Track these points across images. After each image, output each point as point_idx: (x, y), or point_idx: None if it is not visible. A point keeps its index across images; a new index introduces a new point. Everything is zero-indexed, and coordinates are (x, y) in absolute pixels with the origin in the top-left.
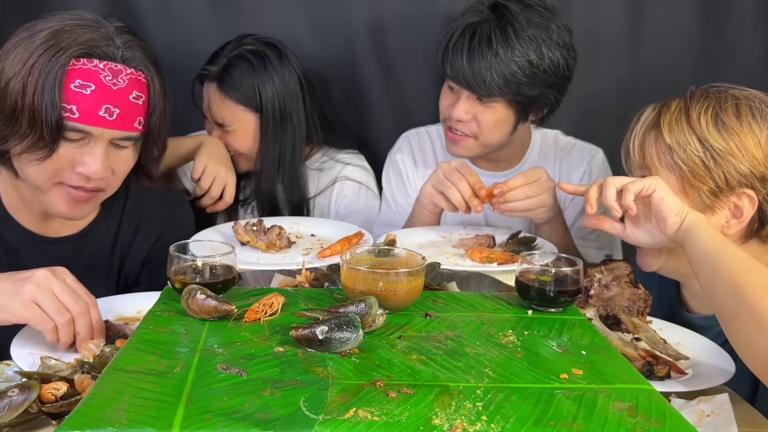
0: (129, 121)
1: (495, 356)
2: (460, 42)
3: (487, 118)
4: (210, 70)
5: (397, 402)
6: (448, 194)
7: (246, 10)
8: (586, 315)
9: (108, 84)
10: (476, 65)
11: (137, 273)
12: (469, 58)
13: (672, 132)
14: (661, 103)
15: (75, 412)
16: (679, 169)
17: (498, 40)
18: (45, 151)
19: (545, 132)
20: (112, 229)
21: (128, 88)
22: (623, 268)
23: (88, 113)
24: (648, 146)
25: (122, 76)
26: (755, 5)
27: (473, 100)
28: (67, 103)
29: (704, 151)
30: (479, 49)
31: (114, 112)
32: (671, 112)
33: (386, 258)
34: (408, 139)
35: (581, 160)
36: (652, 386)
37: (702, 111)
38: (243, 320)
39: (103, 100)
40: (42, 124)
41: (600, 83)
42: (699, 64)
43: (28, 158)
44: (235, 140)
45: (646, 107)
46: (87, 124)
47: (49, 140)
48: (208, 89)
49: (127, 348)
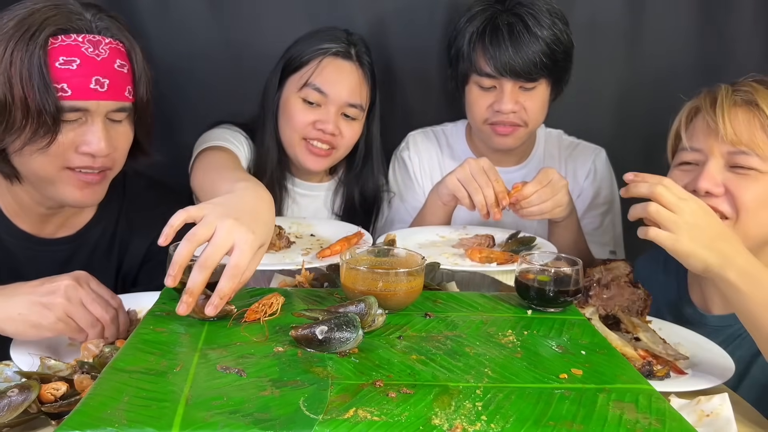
0: (120, 91)
1: (495, 356)
2: (496, 35)
3: (534, 102)
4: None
5: (397, 402)
6: (474, 195)
7: (246, 10)
8: (585, 315)
9: (91, 56)
10: (524, 51)
11: (135, 273)
12: (514, 46)
13: None
14: (728, 84)
15: (74, 412)
16: None
17: (532, 23)
18: (47, 138)
19: (549, 131)
20: (108, 229)
21: (111, 58)
22: (623, 268)
23: (80, 88)
24: (745, 121)
25: (102, 46)
26: (755, 5)
27: (517, 90)
28: (57, 82)
29: None
30: (522, 36)
31: (104, 82)
32: (761, 90)
33: (386, 258)
34: (415, 138)
35: (586, 159)
36: (652, 386)
37: None
38: (243, 320)
39: (92, 72)
40: (37, 112)
41: (600, 82)
42: (699, 64)
43: (31, 150)
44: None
45: (715, 86)
46: (82, 99)
47: (50, 124)
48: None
49: (126, 348)
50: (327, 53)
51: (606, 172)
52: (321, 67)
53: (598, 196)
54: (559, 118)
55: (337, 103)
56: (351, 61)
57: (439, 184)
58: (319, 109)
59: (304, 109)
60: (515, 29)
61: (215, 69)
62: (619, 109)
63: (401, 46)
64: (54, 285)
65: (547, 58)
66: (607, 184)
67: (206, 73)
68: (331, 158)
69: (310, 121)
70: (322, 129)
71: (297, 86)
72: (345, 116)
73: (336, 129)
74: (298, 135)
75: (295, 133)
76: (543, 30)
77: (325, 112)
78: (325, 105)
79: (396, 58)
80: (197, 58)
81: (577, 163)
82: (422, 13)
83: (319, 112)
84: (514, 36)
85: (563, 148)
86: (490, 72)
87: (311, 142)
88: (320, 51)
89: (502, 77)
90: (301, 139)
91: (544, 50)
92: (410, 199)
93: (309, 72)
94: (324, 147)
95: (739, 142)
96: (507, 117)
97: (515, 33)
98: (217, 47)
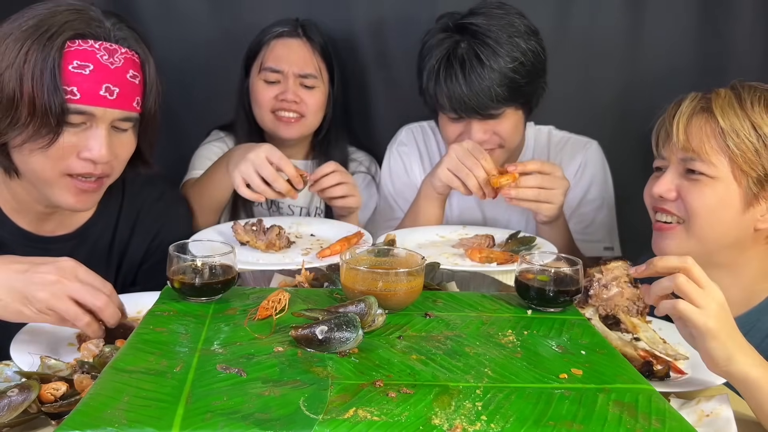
0: (128, 101)
1: (494, 356)
2: (450, 71)
3: (506, 128)
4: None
5: (397, 402)
6: (466, 180)
7: (246, 10)
8: (585, 315)
9: (105, 63)
10: (476, 86)
11: (135, 272)
12: (467, 82)
13: (725, 115)
14: (704, 91)
15: (74, 412)
16: (730, 153)
17: (486, 54)
18: (48, 137)
19: (538, 128)
20: (108, 228)
21: (125, 67)
22: (623, 268)
23: (89, 93)
24: (696, 129)
25: (118, 55)
26: (755, 5)
27: (484, 121)
28: (68, 84)
29: (757, 137)
30: (474, 70)
31: (114, 91)
32: (722, 98)
33: (386, 258)
34: (411, 132)
35: (576, 153)
36: (652, 386)
37: (755, 99)
38: (254, 317)
39: (103, 80)
40: (43, 111)
41: (599, 82)
42: (698, 64)
43: (31, 148)
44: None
45: (684, 96)
46: (89, 104)
47: (53, 125)
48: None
49: (126, 348)
50: (275, 35)
51: (598, 164)
52: (271, 48)
53: (589, 191)
54: (559, 118)
55: (291, 75)
56: (298, 37)
57: (431, 176)
58: (279, 84)
59: (266, 88)
60: (467, 64)
61: (215, 69)
62: (618, 108)
63: (401, 46)
64: (38, 276)
65: (505, 88)
66: (599, 178)
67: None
68: (302, 124)
69: (272, 96)
70: (284, 99)
71: (257, 71)
72: (305, 87)
73: (297, 97)
74: (266, 111)
75: (264, 110)
76: (499, 60)
77: (284, 85)
78: (283, 80)
79: (396, 58)
80: (197, 58)
81: (568, 159)
82: (422, 12)
83: (279, 86)
84: (467, 71)
85: (553, 144)
86: (449, 109)
87: (279, 113)
88: (270, 35)
89: (461, 114)
90: (270, 113)
91: (501, 81)
92: (403, 192)
93: (263, 56)
94: (291, 115)
95: (689, 149)
96: (482, 145)
97: (467, 68)
98: (218, 47)
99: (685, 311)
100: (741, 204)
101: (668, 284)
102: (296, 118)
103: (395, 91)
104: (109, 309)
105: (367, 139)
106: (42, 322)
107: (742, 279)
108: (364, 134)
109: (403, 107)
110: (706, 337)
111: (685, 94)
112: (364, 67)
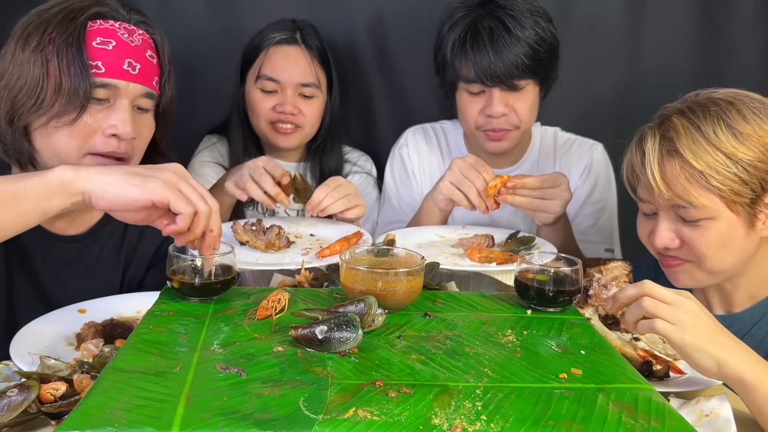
0: (149, 78)
1: (494, 356)
2: (477, 40)
3: (523, 104)
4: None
5: (397, 402)
6: (468, 193)
7: (246, 9)
8: (585, 315)
9: (126, 41)
10: (505, 55)
11: (142, 276)
12: (495, 50)
13: (697, 156)
14: (656, 125)
15: (74, 412)
16: (718, 191)
17: (513, 25)
18: (75, 113)
19: (545, 129)
20: (118, 230)
21: (143, 47)
22: (622, 268)
23: (114, 67)
24: (672, 176)
25: (136, 35)
26: (755, 5)
27: (506, 93)
28: (92, 59)
29: (735, 165)
30: (502, 39)
31: (136, 66)
32: (683, 135)
33: (385, 258)
34: (414, 134)
35: (582, 155)
36: (652, 386)
37: (716, 126)
38: (254, 317)
39: (125, 55)
40: (70, 86)
41: (600, 81)
42: (698, 63)
43: (57, 124)
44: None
45: (637, 134)
46: (114, 78)
47: (81, 98)
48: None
49: (126, 348)
50: (272, 42)
51: (602, 167)
52: (269, 56)
53: (593, 193)
54: (559, 118)
55: (290, 85)
56: (297, 45)
57: (433, 191)
58: (277, 94)
59: (263, 98)
60: (495, 33)
61: (215, 69)
62: (618, 108)
63: (401, 45)
64: (157, 166)
65: (530, 59)
66: (603, 180)
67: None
68: (300, 134)
69: (270, 107)
70: (283, 111)
71: (253, 79)
72: (303, 96)
73: (295, 109)
74: (264, 122)
75: (261, 120)
76: (524, 31)
77: (282, 96)
78: (281, 90)
79: (396, 58)
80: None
81: (573, 160)
82: (422, 12)
83: (277, 97)
84: (495, 40)
85: (559, 146)
86: (474, 78)
87: (277, 125)
88: (267, 42)
89: (486, 83)
90: (268, 124)
91: (526, 52)
92: (406, 197)
93: (259, 63)
94: (289, 126)
95: (676, 197)
96: (498, 122)
97: (495, 37)
98: (218, 47)
99: (663, 330)
100: (744, 229)
101: (637, 311)
102: (294, 128)
103: (396, 92)
104: (217, 215)
105: (369, 140)
106: (166, 198)
107: (748, 279)
108: (366, 135)
109: (405, 107)
110: (687, 351)
111: (642, 128)
112: (364, 67)
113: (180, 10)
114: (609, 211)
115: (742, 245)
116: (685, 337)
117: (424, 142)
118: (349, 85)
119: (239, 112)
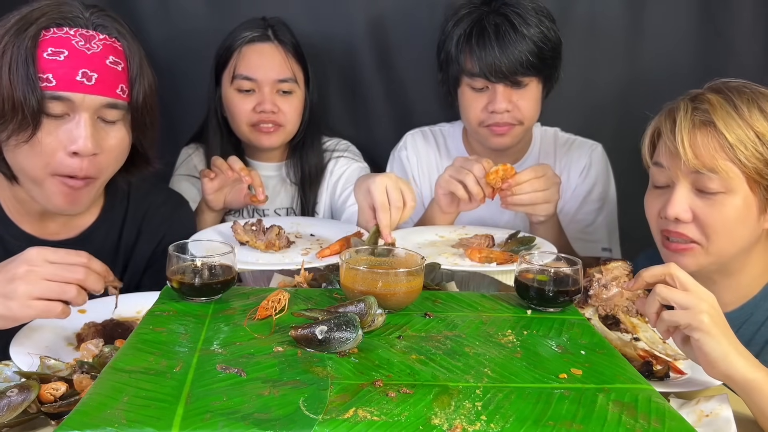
0: (110, 87)
1: (494, 356)
2: (483, 36)
3: (527, 101)
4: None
5: (397, 402)
6: (465, 180)
7: (245, 9)
8: (585, 315)
9: (81, 49)
10: (510, 51)
11: (140, 277)
12: (500, 46)
13: (730, 128)
14: (689, 99)
15: (74, 412)
16: (742, 166)
17: (518, 22)
18: (29, 129)
19: (545, 129)
20: (113, 232)
21: (103, 53)
22: (622, 268)
23: (65, 79)
24: (702, 144)
25: (95, 41)
26: (755, 5)
27: (509, 89)
28: (43, 72)
29: (763, 146)
30: (508, 36)
31: (92, 76)
32: (719, 108)
33: (385, 258)
34: (413, 137)
35: (582, 155)
36: (652, 386)
37: (750, 105)
38: (254, 317)
39: (79, 65)
40: (21, 100)
41: (600, 81)
42: (698, 63)
43: (17, 142)
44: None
45: (672, 104)
46: (65, 90)
47: (32, 113)
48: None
49: (126, 348)
50: (245, 41)
51: (602, 167)
52: (242, 55)
53: (592, 192)
54: (560, 117)
55: (267, 83)
56: (270, 42)
57: (435, 194)
58: (254, 94)
59: (242, 99)
60: (501, 29)
61: None
62: (618, 108)
63: (401, 46)
64: (9, 273)
65: (534, 56)
66: (602, 180)
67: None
68: (282, 132)
69: (249, 108)
70: (263, 110)
71: (229, 80)
72: (282, 93)
73: (274, 107)
74: (245, 125)
75: (242, 122)
76: (530, 29)
77: (260, 95)
78: (259, 88)
79: (396, 58)
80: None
81: (573, 160)
82: (422, 12)
83: (255, 96)
84: (501, 36)
85: (559, 145)
86: (478, 74)
87: (259, 125)
88: (239, 41)
89: (491, 78)
90: (249, 125)
91: (531, 49)
92: None
93: (234, 64)
94: (270, 126)
95: (701, 166)
96: (501, 117)
97: (501, 33)
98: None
99: (675, 314)
100: (757, 212)
101: (653, 300)
102: (275, 127)
103: (396, 92)
104: (90, 278)
105: (369, 141)
106: (31, 317)
107: (743, 278)
108: (366, 136)
109: (405, 108)
110: (703, 331)
111: (672, 102)
112: (364, 67)
113: (180, 11)
114: (608, 210)
115: (749, 231)
116: (703, 318)
117: (423, 145)
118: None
119: (216, 116)
